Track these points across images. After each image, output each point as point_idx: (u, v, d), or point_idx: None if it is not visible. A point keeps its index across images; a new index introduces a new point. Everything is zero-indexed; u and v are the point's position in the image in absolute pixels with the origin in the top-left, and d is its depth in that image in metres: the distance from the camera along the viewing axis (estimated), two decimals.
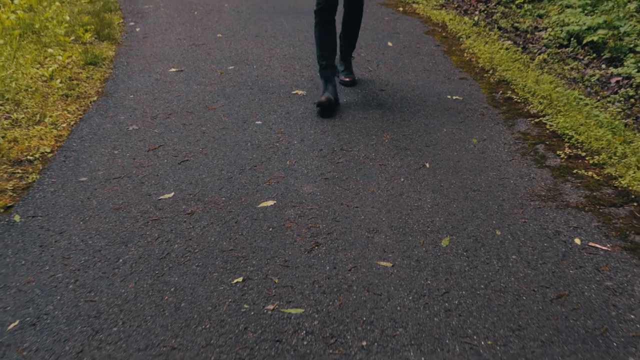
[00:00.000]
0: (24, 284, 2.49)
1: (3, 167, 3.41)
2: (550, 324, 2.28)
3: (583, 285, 2.49)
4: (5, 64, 4.91)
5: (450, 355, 2.14)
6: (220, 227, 2.88)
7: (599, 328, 2.26)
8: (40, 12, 6.52)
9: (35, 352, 2.14)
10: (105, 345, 2.18)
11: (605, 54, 5.23)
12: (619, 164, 3.43)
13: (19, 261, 2.63)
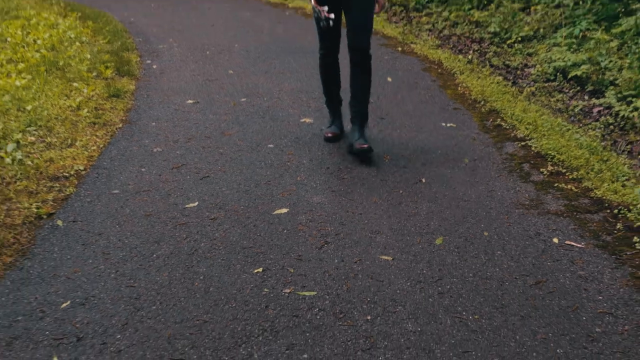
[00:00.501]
0: (71, 273, 2.87)
1: (42, 181, 3.81)
2: (529, 303, 2.65)
3: (559, 274, 2.87)
4: (35, 95, 5.34)
5: (442, 326, 2.51)
6: (241, 229, 3.27)
7: (571, 306, 2.63)
8: (62, 51, 6.99)
9: (87, 324, 2.51)
10: (146, 320, 2.55)
11: (588, 87, 5.67)
12: (595, 178, 3.83)
13: (65, 256, 3.01)
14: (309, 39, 7.66)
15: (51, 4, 10.28)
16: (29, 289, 2.74)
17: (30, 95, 5.33)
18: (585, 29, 6.66)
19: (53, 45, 7.22)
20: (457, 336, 2.45)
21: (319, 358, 2.33)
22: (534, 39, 7.23)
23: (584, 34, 6.57)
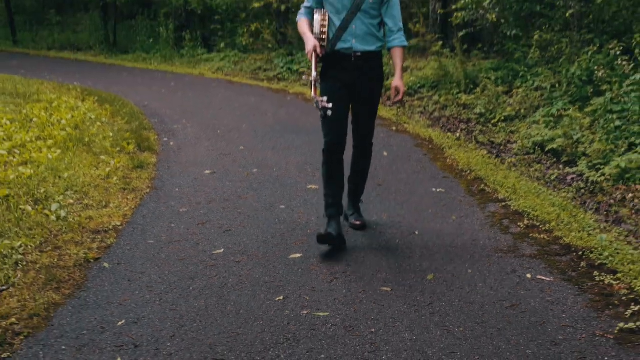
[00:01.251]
0: (122, 301, 3.44)
1: (86, 234, 4.41)
2: (505, 320, 3.23)
3: (530, 300, 3.45)
4: (68, 166, 5.99)
5: (433, 335, 3.08)
6: (262, 269, 3.86)
7: (540, 322, 3.21)
8: (85, 129, 7.67)
9: (141, 336, 3.07)
10: (190, 332, 3.11)
11: (563, 158, 6.35)
12: (564, 229, 4.45)
13: (115, 289, 3.58)
14: (310, 121, 8.39)
15: (69, 89, 11.06)
16: (89, 312, 3.31)
17: (64, 166, 5.97)
18: (561, 108, 7.40)
19: (76, 124, 7.92)
20: (446, 342, 3.02)
21: (334, 358, 2.88)
22: (516, 119, 7.97)
23: (560, 112, 7.30)
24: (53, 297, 3.46)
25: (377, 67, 4.28)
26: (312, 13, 4.21)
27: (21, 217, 4.55)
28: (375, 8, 4.10)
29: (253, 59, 15.32)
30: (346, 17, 4.07)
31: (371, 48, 4.15)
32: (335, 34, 4.10)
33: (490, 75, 9.48)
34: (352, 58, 4.12)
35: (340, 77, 4.16)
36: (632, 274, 3.69)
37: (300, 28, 4.25)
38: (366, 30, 4.11)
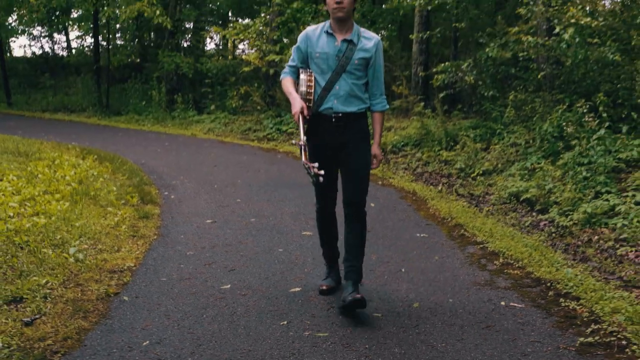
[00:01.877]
0: (144, 326, 3.89)
1: (104, 273, 4.87)
2: (481, 337, 3.71)
3: (504, 322, 3.95)
4: (78, 216, 6.46)
5: (419, 350, 3.55)
6: (266, 300, 4.33)
7: (512, 338, 3.70)
8: (89, 184, 8.14)
9: (165, 353, 3.52)
10: (207, 350, 3.57)
11: (536, 206, 6.91)
12: (535, 265, 4.97)
13: (136, 317, 4.04)
14: (300, 177, 8.91)
15: (68, 148, 11.57)
16: (116, 335, 3.76)
17: (75, 216, 6.43)
18: (535, 162, 7.99)
19: (80, 179, 8.39)
20: (430, 355, 3.50)
21: None
22: (493, 172, 8.56)
23: (534, 166, 7.89)
24: (82, 323, 3.90)
25: (360, 127, 4.19)
26: (297, 72, 4.21)
27: (43, 259, 4.99)
28: (360, 69, 4.10)
29: (243, 120, 15.95)
30: (331, 77, 4.08)
31: (352, 109, 4.11)
32: (320, 95, 4.09)
33: (469, 133, 10.10)
34: (332, 119, 4.09)
35: (323, 139, 4.13)
36: (593, 299, 4.20)
37: (285, 87, 4.18)
38: (349, 90, 4.09)
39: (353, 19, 4.20)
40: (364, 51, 4.09)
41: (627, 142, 7.46)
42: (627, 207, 5.99)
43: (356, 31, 4.12)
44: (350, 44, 4.06)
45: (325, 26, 4.17)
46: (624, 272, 4.87)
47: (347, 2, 3.98)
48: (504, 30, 10.62)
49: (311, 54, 4.16)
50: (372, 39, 4.16)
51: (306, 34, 4.22)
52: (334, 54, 4.07)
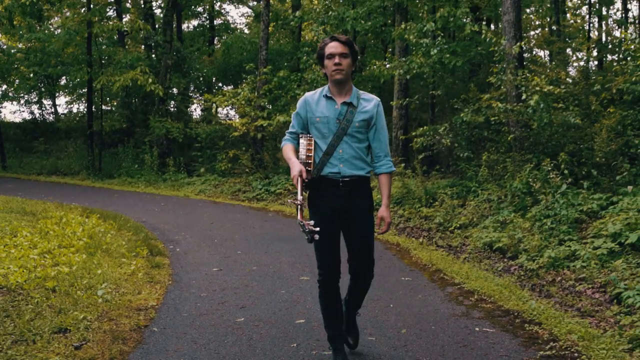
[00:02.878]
0: (176, 349, 4.62)
1: (131, 310, 5.59)
2: (459, 352, 4.49)
3: (478, 342, 4.73)
4: (97, 266, 7.17)
5: None
6: (276, 329, 5.08)
7: (484, 354, 4.48)
8: (99, 239, 8.85)
9: None
10: None
11: (508, 254, 7.74)
12: (505, 299, 5.77)
13: (167, 343, 4.76)
14: (293, 232, 9.74)
15: (70, 208, 12.24)
16: (153, 356, 4.49)
17: (94, 266, 7.15)
18: (506, 216, 8.86)
19: (90, 235, 9.10)
20: None
21: None
22: (469, 226, 9.41)
23: (505, 219, 8.76)
24: (123, 347, 4.63)
25: (367, 192, 4.21)
26: (297, 138, 4.20)
27: (77, 300, 5.71)
28: (361, 132, 4.10)
29: (232, 182, 16.78)
30: (332, 141, 4.06)
31: (360, 173, 4.12)
32: (322, 159, 4.07)
33: (446, 191, 10.99)
34: (339, 183, 4.08)
35: (328, 203, 4.09)
36: (553, 324, 5.01)
37: (285, 154, 4.16)
38: (354, 154, 4.09)
39: (352, 82, 4.22)
40: (364, 113, 4.10)
41: (587, 196, 8.37)
42: (586, 252, 6.84)
43: (355, 93, 4.15)
44: (350, 107, 4.09)
45: (324, 90, 4.18)
46: (580, 304, 5.69)
47: (346, 65, 4.04)
48: (477, 97, 11.66)
49: (311, 119, 4.15)
50: (371, 100, 4.18)
51: (305, 100, 4.23)
52: (335, 117, 4.08)
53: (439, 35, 13.21)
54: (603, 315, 5.41)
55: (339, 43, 4.05)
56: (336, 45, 4.05)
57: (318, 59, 4.20)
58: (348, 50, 4.06)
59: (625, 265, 6.32)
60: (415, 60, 12.44)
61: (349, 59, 4.08)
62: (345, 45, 4.05)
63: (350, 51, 4.08)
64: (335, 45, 4.05)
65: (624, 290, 5.65)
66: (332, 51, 4.05)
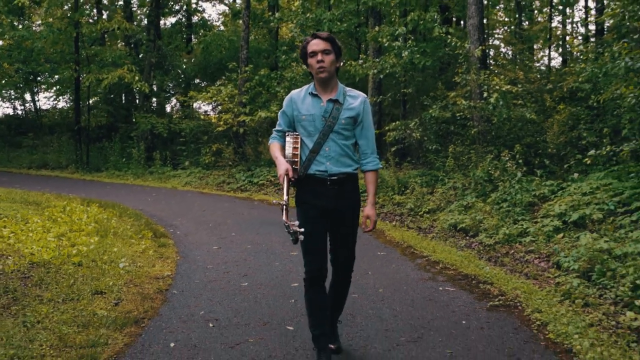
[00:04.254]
0: (196, 304, 5.68)
1: (151, 278, 6.62)
2: (426, 304, 5.61)
3: (441, 297, 5.85)
4: (111, 245, 8.18)
5: (384, 311, 5.43)
6: (276, 290, 6.15)
7: (446, 304, 5.60)
8: (105, 224, 9.84)
9: (218, 315, 5.32)
10: (244, 315, 5.38)
11: (470, 232, 8.90)
12: (464, 267, 6.92)
13: (188, 300, 5.82)
14: (278, 217, 10.79)
15: (69, 199, 13.18)
16: (178, 310, 5.53)
17: (108, 245, 8.15)
18: (469, 201, 10.02)
19: (96, 221, 10.08)
20: (392, 313, 5.37)
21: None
22: (437, 210, 10.56)
23: (469, 204, 9.92)
24: (152, 304, 5.68)
25: (354, 189, 4.15)
26: (284, 136, 4.15)
27: (103, 270, 6.73)
28: (348, 129, 4.04)
29: (216, 174, 17.79)
30: (318, 139, 4.00)
31: (347, 170, 4.05)
32: (308, 157, 4.02)
33: (417, 180, 12.13)
34: (327, 181, 4.02)
35: (316, 202, 4.04)
36: (502, 283, 6.17)
37: (272, 152, 4.12)
38: (340, 151, 4.03)
39: (337, 78, 4.13)
40: (350, 110, 4.02)
41: (540, 183, 9.55)
42: (535, 229, 8.00)
43: (341, 90, 4.08)
44: (336, 104, 4.01)
45: (310, 88, 4.12)
46: (527, 270, 6.85)
47: (329, 62, 3.96)
48: (444, 95, 12.84)
49: (297, 117, 4.09)
50: (358, 97, 4.11)
51: (291, 98, 4.16)
52: (320, 114, 4.00)
53: (410, 38, 14.35)
54: (544, 278, 6.56)
55: (321, 40, 3.98)
56: (317, 42, 3.98)
57: (301, 57, 4.13)
58: (330, 46, 3.98)
59: (567, 239, 7.48)
60: (388, 60, 13.56)
61: (332, 56, 4.00)
62: (326, 42, 3.98)
63: (333, 47, 4.00)
64: (317, 42, 3.98)
65: (562, 258, 6.81)
66: (314, 49, 3.98)
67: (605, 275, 5.97)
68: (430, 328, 5.03)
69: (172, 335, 4.88)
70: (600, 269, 6.07)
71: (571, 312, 5.27)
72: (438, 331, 4.95)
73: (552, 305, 5.48)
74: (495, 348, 4.56)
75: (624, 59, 7.84)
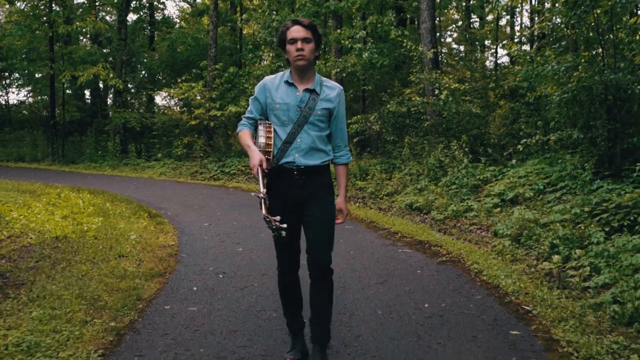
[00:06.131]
0: (204, 263, 7.05)
1: (159, 247, 7.95)
2: (388, 262, 7.07)
3: (400, 256, 7.31)
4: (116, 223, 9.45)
5: (356, 267, 6.88)
6: (267, 253, 7.53)
7: (404, 260, 7.07)
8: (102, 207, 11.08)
9: (222, 269, 6.70)
10: (245, 268, 6.77)
11: (424, 210, 10.40)
12: (421, 234, 8.41)
13: (197, 260, 7.19)
14: (252, 200, 12.17)
15: (57, 187, 14.30)
16: (191, 267, 6.90)
17: (113, 223, 9.43)
18: (423, 184, 11.54)
19: (93, 204, 11.30)
20: (361, 267, 6.82)
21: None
22: (395, 193, 12.05)
23: (422, 187, 11.43)
24: (168, 264, 7.01)
25: (324, 181, 3.97)
26: (255, 124, 3.98)
27: (118, 241, 8.03)
28: (323, 120, 3.87)
29: (189, 165, 19.06)
30: (292, 129, 3.83)
31: (315, 162, 3.87)
32: (280, 148, 3.85)
33: (377, 167, 13.62)
34: (294, 173, 3.85)
35: (285, 194, 3.88)
36: (449, 246, 7.66)
37: (243, 140, 3.89)
38: (310, 143, 3.86)
39: (315, 68, 3.95)
40: (327, 101, 3.87)
41: (484, 168, 11.11)
42: (478, 207, 9.54)
43: (318, 80, 3.90)
44: (313, 94, 3.85)
45: (285, 75, 3.93)
46: (470, 237, 8.38)
47: (309, 50, 3.78)
48: (400, 91, 14.38)
49: (270, 105, 3.89)
50: (335, 88, 3.94)
51: (264, 84, 3.96)
52: (296, 104, 3.83)
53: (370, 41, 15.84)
54: (484, 242, 8.08)
55: (302, 27, 3.79)
56: (298, 29, 3.78)
57: (279, 43, 3.93)
58: (311, 34, 3.80)
59: (504, 213, 9.03)
60: (349, 60, 15.02)
61: (312, 44, 3.81)
62: (307, 29, 3.80)
63: (314, 35, 3.82)
64: (298, 29, 3.79)
65: (498, 227, 8.35)
66: (294, 35, 3.77)
67: (531, 239, 7.48)
68: (393, 275, 6.47)
69: (192, 282, 6.24)
70: (527, 234, 7.59)
71: (502, 264, 6.78)
72: (399, 277, 6.39)
73: (487, 260, 6.98)
74: (442, 286, 6.03)
75: (551, 63, 9.40)
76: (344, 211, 4.12)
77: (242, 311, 5.30)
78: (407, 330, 4.77)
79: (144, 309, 5.32)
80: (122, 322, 4.93)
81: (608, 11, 8.25)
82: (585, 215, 7.34)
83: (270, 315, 5.17)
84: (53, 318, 4.85)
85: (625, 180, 7.94)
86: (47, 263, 6.70)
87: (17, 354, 4.16)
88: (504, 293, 5.72)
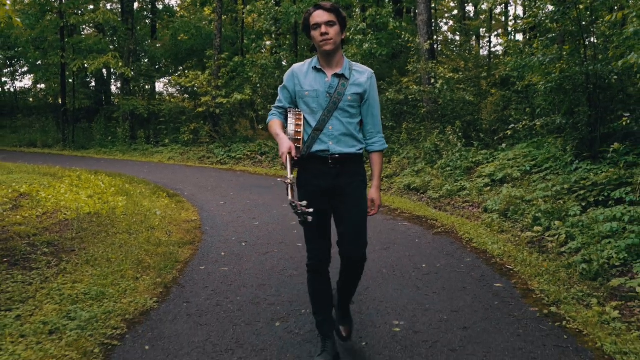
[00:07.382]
0: (227, 234, 7.97)
1: (184, 222, 8.86)
2: (391, 234, 8.00)
3: (400, 228, 8.24)
4: (140, 202, 10.34)
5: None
6: (281, 226, 8.44)
7: (405, 232, 8.00)
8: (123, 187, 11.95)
9: (245, 241, 7.62)
10: (265, 238, 7.69)
11: (421, 191, 11.32)
12: (418, 211, 9.33)
13: (220, 232, 8.10)
14: (264, 182, 13.09)
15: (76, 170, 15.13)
16: (216, 236, 7.81)
17: (137, 201, 10.31)
18: (420, 167, 12.45)
19: (113, 185, 12.16)
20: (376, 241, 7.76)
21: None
22: (394, 176, 12.97)
23: (419, 169, 12.35)
24: (195, 235, 7.91)
25: (358, 170, 3.85)
26: (284, 113, 3.88)
27: (146, 216, 8.92)
28: (354, 106, 3.76)
29: (196, 150, 19.93)
30: (322, 116, 3.72)
31: (350, 150, 3.75)
32: (311, 135, 3.74)
33: None
34: (329, 161, 3.72)
35: (317, 183, 3.75)
36: (444, 220, 8.58)
37: (273, 129, 3.79)
38: (344, 130, 3.73)
39: (342, 51, 3.82)
40: (357, 86, 3.77)
41: (476, 152, 12.03)
42: (470, 186, 10.47)
43: (347, 64, 3.79)
44: (342, 79, 3.74)
45: (313, 62, 3.83)
46: (462, 213, 9.31)
47: (334, 34, 3.66)
48: (398, 80, 15.25)
49: (300, 93, 3.80)
50: (365, 72, 3.83)
51: (292, 72, 3.88)
52: (325, 90, 3.73)
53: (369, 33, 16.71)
54: (475, 217, 9.01)
55: (324, 11, 3.67)
56: (320, 13, 3.67)
57: (304, 29, 3.84)
58: (335, 17, 3.68)
59: (494, 192, 9.96)
60: (350, 51, 15.89)
61: (337, 27, 3.69)
62: (330, 13, 3.67)
63: (338, 18, 3.69)
64: (320, 13, 3.67)
65: (488, 203, 9.27)
66: (317, 21, 3.67)
67: (517, 213, 8.40)
68: (395, 243, 7.40)
69: (220, 249, 7.15)
70: (513, 209, 8.51)
71: (490, 234, 7.71)
72: (400, 245, 7.32)
73: (477, 231, 7.91)
74: (438, 251, 6.95)
75: (537, 55, 10.29)
76: (377, 202, 3.96)
77: (267, 271, 6.20)
78: (408, 284, 5.69)
79: (183, 269, 6.23)
80: (167, 279, 5.84)
81: (589, 7, 9.11)
82: (565, 192, 8.25)
83: (292, 274, 6.07)
84: (109, 274, 5.75)
85: (603, 161, 8.85)
86: (88, 234, 7.55)
87: (88, 300, 5.06)
88: (491, 256, 6.64)
